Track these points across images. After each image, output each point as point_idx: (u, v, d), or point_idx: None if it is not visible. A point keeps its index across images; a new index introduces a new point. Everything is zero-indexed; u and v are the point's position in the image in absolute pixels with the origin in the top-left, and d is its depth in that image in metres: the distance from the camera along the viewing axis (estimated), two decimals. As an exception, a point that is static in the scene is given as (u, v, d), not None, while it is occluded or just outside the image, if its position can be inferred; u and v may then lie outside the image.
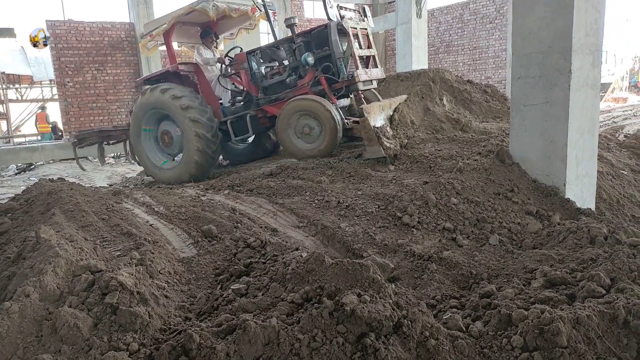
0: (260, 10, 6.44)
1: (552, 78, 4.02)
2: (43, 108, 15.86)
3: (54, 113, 17.14)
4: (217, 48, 7.14)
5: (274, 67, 6.17)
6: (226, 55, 6.59)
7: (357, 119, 5.57)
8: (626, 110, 12.15)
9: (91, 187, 6.50)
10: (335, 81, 5.65)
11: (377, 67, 6.09)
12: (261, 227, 3.70)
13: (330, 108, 5.32)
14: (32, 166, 12.45)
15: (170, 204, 4.26)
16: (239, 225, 3.66)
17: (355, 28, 5.72)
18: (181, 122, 6.12)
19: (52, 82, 17.97)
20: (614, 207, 4.54)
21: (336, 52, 5.58)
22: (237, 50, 6.60)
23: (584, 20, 3.94)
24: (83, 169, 8.67)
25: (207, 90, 6.52)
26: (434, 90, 6.70)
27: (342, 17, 5.65)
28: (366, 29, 6.01)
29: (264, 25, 18.28)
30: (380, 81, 6.11)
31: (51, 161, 12.75)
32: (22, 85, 20.06)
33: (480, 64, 17.80)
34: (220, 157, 7.35)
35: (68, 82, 14.19)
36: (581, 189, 4.19)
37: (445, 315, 2.22)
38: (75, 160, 7.95)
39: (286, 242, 3.30)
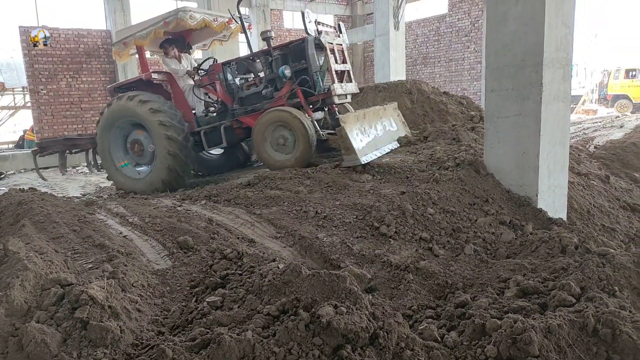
0: (237, 23, 6.47)
1: (525, 91, 4.13)
2: None
3: (27, 121, 16.74)
4: (190, 55, 7.11)
5: (250, 79, 6.22)
6: (199, 66, 6.58)
7: (332, 131, 5.67)
8: (596, 122, 12.56)
9: (63, 197, 6.35)
10: (312, 94, 5.74)
11: (351, 81, 6.21)
12: (238, 238, 3.67)
13: (304, 120, 5.39)
14: (3, 175, 12.08)
15: (145, 214, 4.19)
16: (216, 236, 3.62)
17: (332, 43, 5.84)
18: (151, 126, 6.00)
19: (25, 89, 17.55)
20: (584, 216, 4.66)
21: (313, 65, 5.70)
22: (211, 61, 6.61)
23: (555, 36, 4.07)
24: (44, 179, 8.46)
25: (181, 100, 6.47)
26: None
27: (319, 32, 5.76)
28: (341, 44, 6.14)
29: (242, 35, 18.29)
30: (354, 95, 6.27)
31: (22, 170, 12.41)
32: (-8, 92, 19.55)
33: (456, 75, 18.19)
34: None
35: (42, 89, 13.88)
36: (553, 199, 4.29)
37: (421, 326, 2.23)
38: (35, 170, 7.73)
39: (263, 253, 3.27)
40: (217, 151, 7.14)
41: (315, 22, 5.83)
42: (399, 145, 5.92)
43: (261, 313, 2.26)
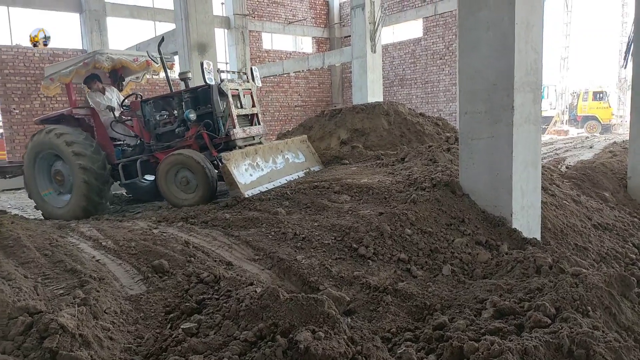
0: (157, 63, 6.88)
1: (497, 114, 4.24)
2: (1, 135, 15.06)
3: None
4: (120, 90, 7.46)
5: (166, 117, 6.50)
6: (122, 102, 6.97)
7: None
8: (567, 143, 12.96)
9: (35, 219, 6.17)
10: (215, 137, 6.15)
11: (259, 124, 6.67)
12: (215, 261, 3.61)
13: (203, 162, 5.70)
14: (-30, 197, 11.66)
15: (120, 237, 4.10)
16: (192, 259, 3.56)
17: (237, 89, 6.26)
18: (67, 157, 6.34)
19: (-4, 109, 17.11)
20: (558, 236, 4.76)
21: (217, 110, 6.09)
22: (133, 98, 6.97)
23: (525, 61, 4.21)
24: None
25: (103, 133, 6.78)
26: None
27: (221, 80, 6.19)
28: (250, 89, 6.56)
29: (221, 56, 18.33)
30: (261, 137, 6.73)
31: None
32: (-38, 111, 18.99)
33: (432, 97, 18.60)
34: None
35: (14, 109, 13.58)
36: (527, 219, 4.38)
37: (400, 349, 2.23)
38: None
39: (241, 277, 3.22)
40: (150, 177, 7.34)
41: (218, 71, 6.36)
42: (304, 175, 6.42)
43: (238, 339, 2.22)
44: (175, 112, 6.40)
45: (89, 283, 2.89)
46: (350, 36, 13.58)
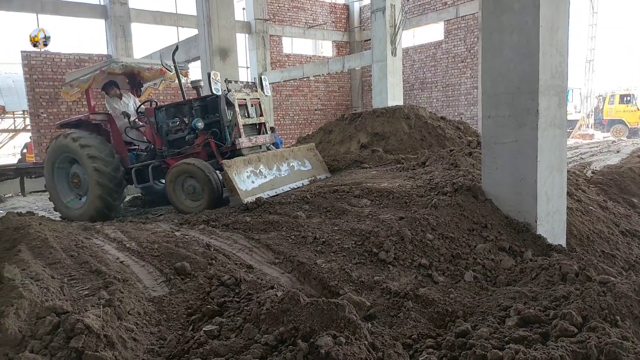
0: (170, 72, 7.08)
1: (521, 118, 4.17)
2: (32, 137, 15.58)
3: (23, 142, 16.74)
4: (138, 97, 7.72)
5: (178, 124, 6.64)
6: (138, 108, 7.21)
7: None
8: (593, 147, 12.66)
9: (60, 221, 6.32)
10: (222, 145, 6.31)
11: (267, 133, 6.82)
12: (236, 264, 3.64)
13: (208, 171, 5.84)
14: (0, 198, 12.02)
15: (143, 239, 4.16)
16: (214, 261, 3.59)
17: (244, 99, 6.39)
18: (82, 160, 6.60)
19: (25, 113, 17.65)
20: (584, 243, 4.64)
21: (224, 119, 6.24)
22: (148, 104, 7.18)
23: (550, 64, 4.14)
24: (2, 200, 9.37)
25: (118, 139, 7.01)
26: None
27: (228, 90, 6.26)
28: (258, 98, 6.68)
29: (242, 61, 18.51)
30: (268, 145, 6.85)
31: (20, 193, 12.34)
32: (-7, 115, 19.65)
33: (453, 100, 18.40)
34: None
35: (42, 112, 13.97)
36: (552, 225, 4.28)
37: (422, 357, 2.20)
38: None
39: (261, 280, 3.24)
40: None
41: (225, 81, 6.43)
42: (309, 182, 6.47)
43: (259, 343, 2.22)
44: (186, 119, 6.56)
45: (113, 284, 2.95)
46: (370, 40, 13.56)
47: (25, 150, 15.22)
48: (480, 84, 4.40)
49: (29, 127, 16.24)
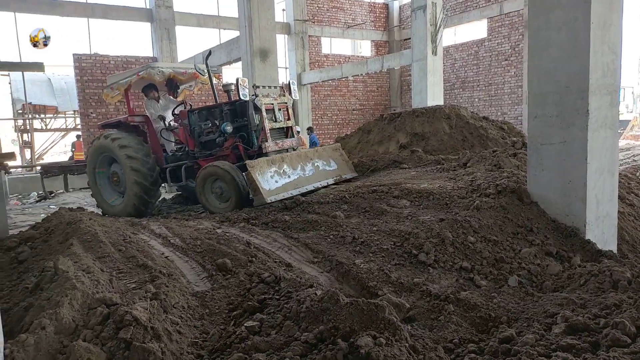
0: (203, 75, 7.34)
1: (570, 118, 4.02)
2: (78, 136, 16.36)
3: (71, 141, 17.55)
4: (175, 98, 7.98)
5: (210, 127, 6.83)
6: (173, 110, 7.43)
7: None
8: (646, 149, 12.00)
9: (107, 216, 6.60)
10: (249, 149, 6.48)
11: (294, 136, 6.95)
12: (275, 262, 3.69)
13: (234, 173, 5.98)
14: (52, 194, 12.67)
15: (186, 236, 4.29)
16: (254, 259, 3.65)
17: (272, 104, 6.53)
18: (120, 159, 6.93)
19: (76, 113, 18.52)
20: (637, 249, 4.42)
21: (252, 124, 6.43)
22: (182, 107, 7.42)
23: (601, 62, 3.96)
24: (47, 197, 10.03)
25: (154, 140, 7.33)
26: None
27: (256, 95, 6.39)
28: (286, 102, 6.81)
29: (281, 61, 18.73)
30: (295, 149, 6.89)
31: (71, 189, 12.98)
32: (47, 116, 20.69)
33: (496, 100, 17.90)
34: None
35: (91, 112, 14.63)
36: (602, 230, 4.10)
37: (464, 361, 2.16)
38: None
39: (300, 278, 3.26)
40: None
41: (253, 86, 6.65)
42: (334, 182, 6.57)
43: (299, 340, 2.24)
44: (217, 122, 6.76)
45: (159, 278, 3.05)
46: (409, 39, 13.40)
47: (73, 149, 16.01)
48: (526, 83, 4.26)
49: (79, 127, 17.01)
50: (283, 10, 19.51)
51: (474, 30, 18.91)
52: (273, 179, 5.85)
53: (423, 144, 7.79)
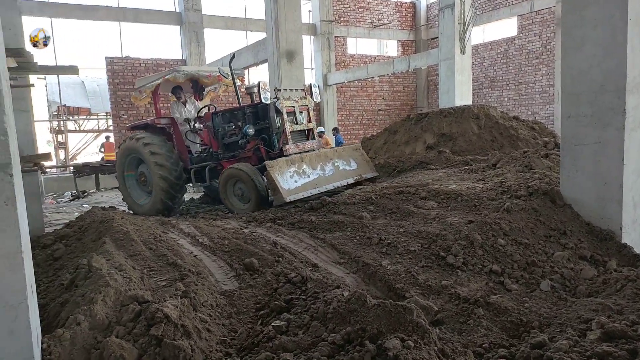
0: (227, 78, 7.46)
1: (605, 117, 3.89)
2: (107, 137, 16.86)
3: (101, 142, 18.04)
4: (201, 100, 8.17)
5: (233, 128, 6.94)
6: (198, 112, 7.65)
7: None
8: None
9: (137, 215, 6.75)
10: (270, 151, 6.58)
11: (314, 138, 7.07)
12: (302, 262, 3.70)
13: (254, 175, 6.08)
14: (85, 193, 13.07)
15: (214, 235, 4.35)
16: (280, 259, 3.68)
17: (293, 107, 6.65)
18: (145, 157, 7.17)
19: (108, 114, 19.04)
20: (676, 254, 4.24)
21: (273, 126, 6.53)
22: (206, 109, 7.61)
23: (639, 59, 3.82)
24: (80, 196, 10.66)
25: (180, 141, 7.57)
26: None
27: (277, 99, 6.49)
28: (307, 105, 6.91)
29: (307, 62, 18.80)
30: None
31: (103, 189, 13.35)
32: (80, 117, 21.35)
33: (527, 99, 17.47)
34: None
35: (123, 114, 15.01)
36: (639, 233, 3.95)
37: (494, 366, 2.12)
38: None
39: (327, 279, 3.26)
40: None
41: (274, 90, 6.77)
42: (354, 182, 6.61)
43: (326, 341, 2.25)
44: (240, 124, 6.87)
45: (188, 277, 3.10)
46: (437, 38, 13.23)
47: (102, 150, 16.52)
48: (558, 82, 4.14)
49: (111, 128, 17.49)
50: (309, 11, 19.58)
51: (504, 28, 18.51)
52: (292, 179, 5.93)
53: (451, 144, 7.67)
